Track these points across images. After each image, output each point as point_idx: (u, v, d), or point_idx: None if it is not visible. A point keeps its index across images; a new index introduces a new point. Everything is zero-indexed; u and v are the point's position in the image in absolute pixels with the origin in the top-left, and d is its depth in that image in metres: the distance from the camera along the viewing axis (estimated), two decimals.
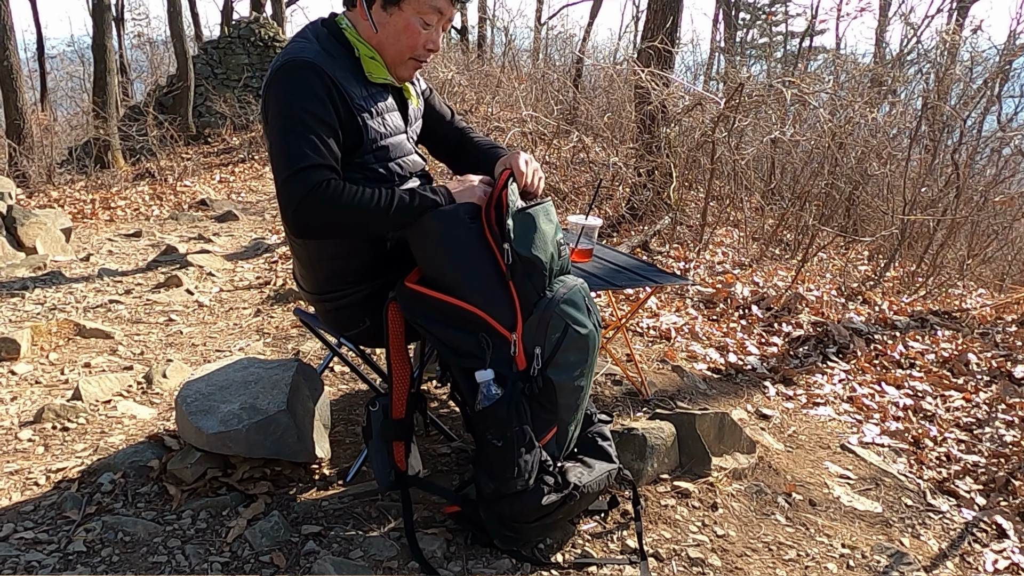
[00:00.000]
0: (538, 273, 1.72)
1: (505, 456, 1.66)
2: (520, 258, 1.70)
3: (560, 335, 1.70)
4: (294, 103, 1.66)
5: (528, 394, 1.69)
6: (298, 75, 1.68)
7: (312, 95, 1.67)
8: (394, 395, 1.81)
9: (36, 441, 2.31)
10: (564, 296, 1.73)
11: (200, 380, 2.09)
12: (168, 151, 10.81)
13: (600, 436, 1.91)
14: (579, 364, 1.74)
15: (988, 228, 6.99)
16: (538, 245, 1.73)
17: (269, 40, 13.31)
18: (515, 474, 1.66)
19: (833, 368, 3.47)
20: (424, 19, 1.75)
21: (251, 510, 1.86)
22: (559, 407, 1.74)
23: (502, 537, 1.75)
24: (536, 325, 1.70)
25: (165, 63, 20.98)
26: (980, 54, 7.59)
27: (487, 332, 1.70)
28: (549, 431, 1.75)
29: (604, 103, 8.40)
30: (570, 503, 1.73)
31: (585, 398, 1.83)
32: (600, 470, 1.82)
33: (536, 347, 1.70)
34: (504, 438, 1.66)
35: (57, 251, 5.56)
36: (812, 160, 6.16)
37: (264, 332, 3.43)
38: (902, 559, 2.03)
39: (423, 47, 1.79)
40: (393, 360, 1.82)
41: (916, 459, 2.75)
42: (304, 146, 1.64)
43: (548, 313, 1.70)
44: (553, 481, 1.71)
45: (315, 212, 1.63)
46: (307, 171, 1.62)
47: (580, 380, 1.76)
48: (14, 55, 9.78)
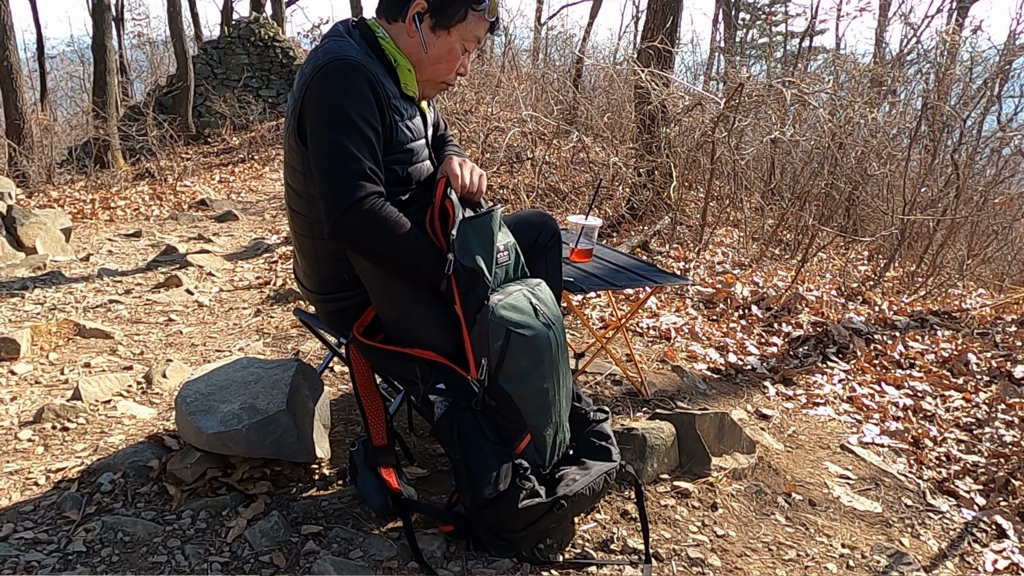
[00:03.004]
0: (481, 283, 1.71)
1: (466, 468, 1.66)
2: (464, 268, 1.69)
3: (503, 342, 1.67)
4: (344, 104, 1.64)
5: (478, 408, 1.69)
6: (344, 75, 1.66)
7: (361, 96, 1.66)
8: (371, 426, 1.84)
9: (36, 441, 2.31)
10: (500, 302, 1.70)
11: (200, 380, 2.09)
12: (168, 151, 10.82)
13: (598, 435, 1.89)
14: (534, 368, 1.71)
15: (988, 228, 7.00)
16: (479, 254, 1.72)
17: (269, 40, 13.31)
18: (482, 483, 1.64)
19: (833, 368, 3.47)
20: (465, 45, 1.79)
21: (251, 510, 1.86)
22: (523, 415, 1.71)
23: (496, 547, 1.74)
24: (478, 336, 1.69)
25: (165, 63, 20.99)
26: (980, 54, 7.60)
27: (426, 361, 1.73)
28: (522, 439, 1.73)
29: (604, 103, 8.40)
30: (557, 512, 1.69)
31: (559, 400, 1.79)
32: (596, 471, 1.79)
33: (482, 358, 1.68)
34: (458, 451, 1.67)
35: (57, 251, 5.56)
36: (812, 160, 6.16)
37: (264, 332, 3.43)
38: (902, 559, 2.03)
39: (456, 71, 1.83)
40: (362, 395, 1.85)
41: (916, 459, 2.75)
42: (355, 149, 1.63)
43: (484, 322, 1.68)
44: (530, 486, 1.67)
45: (359, 222, 1.64)
46: (359, 178, 1.63)
47: (540, 383, 1.72)
48: (14, 55, 9.79)
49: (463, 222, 1.72)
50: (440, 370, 1.73)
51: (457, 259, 1.69)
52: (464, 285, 1.70)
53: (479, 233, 1.74)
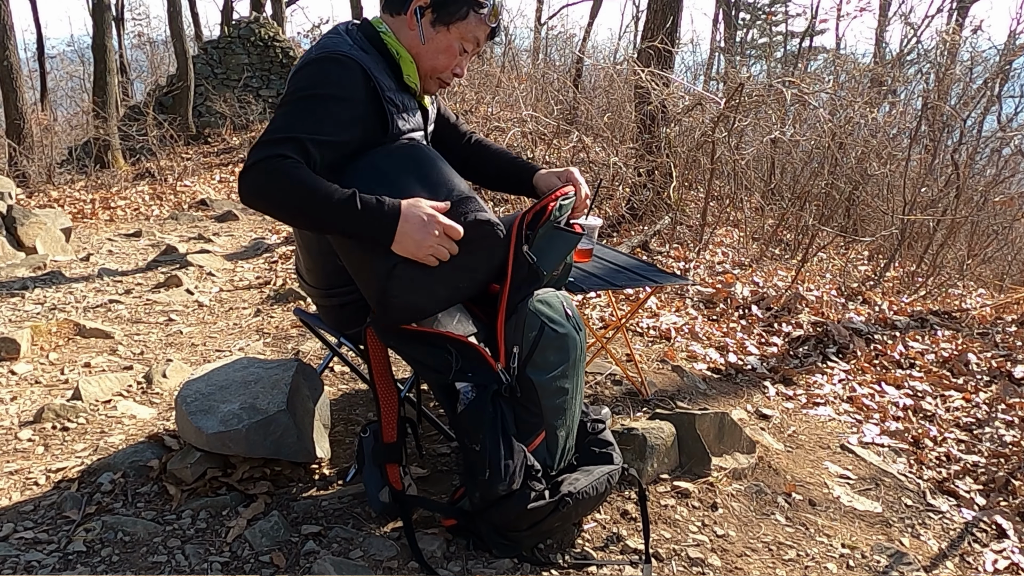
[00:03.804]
0: (536, 284, 1.77)
1: (484, 460, 1.65)
2: (530, 264, 1.74)
3: (537, 333, 1.71)
4: (312, 86, 1.66)
5: (507, 395, 1.69)
6: (325, 65, 1.68)
7: (335, 85, 1.66)
8: (383, 420, 1.82)
9: (36, 441, 2.31)
10: (539, 297, 1.76)
11: (200, 380, 2.09)
12: (168, 151, 10.81)
13: (598, 444, 1.90)
14: (559, 364, 1.74)
15: (988, 228, 7.00)
16: (550, 260, 1.80)
17: (269, 40, 13.31)
18: (496, 479, 1.64)
19: (833, 368, 3.47)
20: (464, 45, 1.81)
21: (251, 510, 1.86)
22: (543, 409, 1.73)
23: (499, 546, 1.75)
24: (515, 325, 1.73)
25: (165, 63, 21.00)
26: (980, 54, 7.59)
27: (453, 346, 1.71)
28: (537, 435, 1.74)
29: (604, 103, 8.40)
30: (562, 510, 1.71)
31: (574, 404, 1.81)
32: (598, 473, 1.80)
33: (515, 346, 1.72)
34: (480, 442, 1.66)
35: (57, 251, 5.56)
36: (812, 160, 6.17)
37: (264, 332, 3.43)
38: (902, 559, 2.03)
39: (452, 70, 1.84)
40: (378, 384, 1.82)
41: (916, 459, 2.75)
42: (295, 119, 1.62)
43: (524, 311, 1.72)
44: (541, 487, 1.69)
45: (258, 180, 1.57)
46: (279, 143, 1.57)
47: (563, 382, 1.75)
48: (14, 55, 9.79)
49: (555, 227, 1.80)
50: (468, 357, 1.71)
51: (530, 253, 1.74)
52: (520, 277, 1.74)
53: (561, 244, 1.83)
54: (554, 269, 1.84)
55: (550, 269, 1.81)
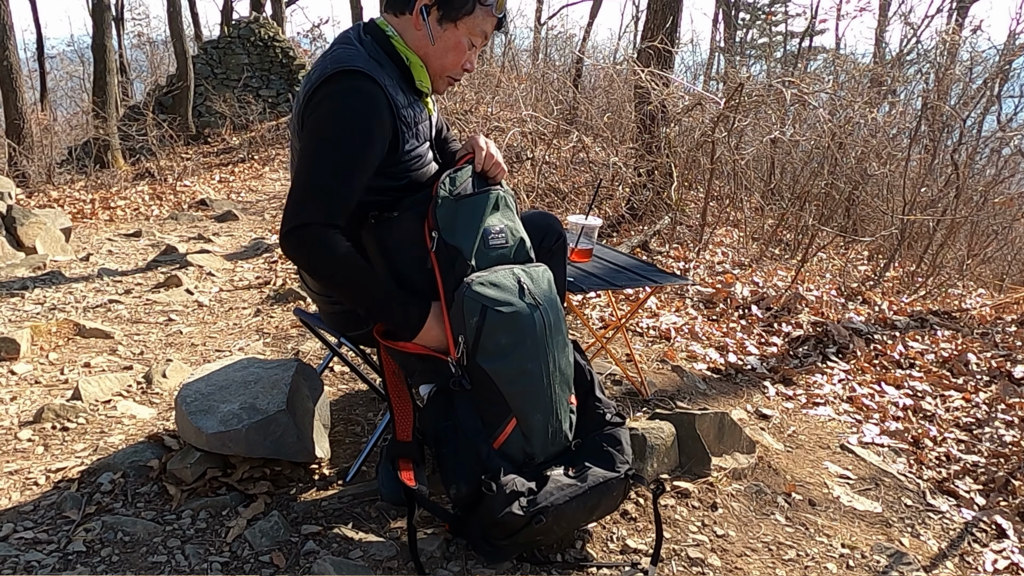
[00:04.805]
0: (460, 262, 1.70)
1: (440, 462, 1.66)
2: (446, 246, 1.70)
3: (478, 319, 1.65)
4: (339, 133, 1.65)
5: (456, 388, 1.67)
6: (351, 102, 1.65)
7: (363, 131, 1.66)
8: (397, 423, 1.80)
9: (36, 441, 2.31)
10: (479, 279, 1.69)
11: (200, 380, 2.09)
12: (168, 151, 10.81)
13: (608, 440, 1.81)
14: (515, 347, 1.67)
15: (988, 228, 7.00)
16: (462, 232, 1.72)
17: (269, 40, 13.31)
18: (446, 479, 1.63)
19: (833, 368, 3.47)
20: (472, 39, 1.79)
21: (251, 510, 1.86)
22: (505, 395, 1.67)
23: (484, 552, 1.71)
24: (455, 314, 1.68)
25: (165, 63, 21.00)
26: (980, 54, 7.59)
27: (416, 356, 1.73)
28: (506, 424, 1.68)
29: (604, 103, 8.41)
30: (536, 526, 1.61)
31: (552, 386, 1.73)
32: (592, 481, 1.69)
33: (459, 336, 1.67)
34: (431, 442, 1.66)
35: (57, 251, 5.56)
36: (812, 160, 6.17)
37: (264, 332, 3.43)
38: (902, 559, 2.03)
39: (462, 66, 1.82)
40: (390, 391, 1.82)
41: (916, 459, 2.75)
42: (334, 171, 1.65)
43: (460, 297, 1.67)
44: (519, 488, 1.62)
45: (301, 250, 1.66)
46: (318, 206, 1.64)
47: (525, 363, 1.68)
48: (14, 55, 9.79)
49: (453, 199, 1.73)
50: (425, 358, 1.72)
51: (440, 236, 1.70)
52: (445, 263, 1.70)
53: (466, 212, 1.74)
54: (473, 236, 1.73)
55: (470, 243, 1.72)
